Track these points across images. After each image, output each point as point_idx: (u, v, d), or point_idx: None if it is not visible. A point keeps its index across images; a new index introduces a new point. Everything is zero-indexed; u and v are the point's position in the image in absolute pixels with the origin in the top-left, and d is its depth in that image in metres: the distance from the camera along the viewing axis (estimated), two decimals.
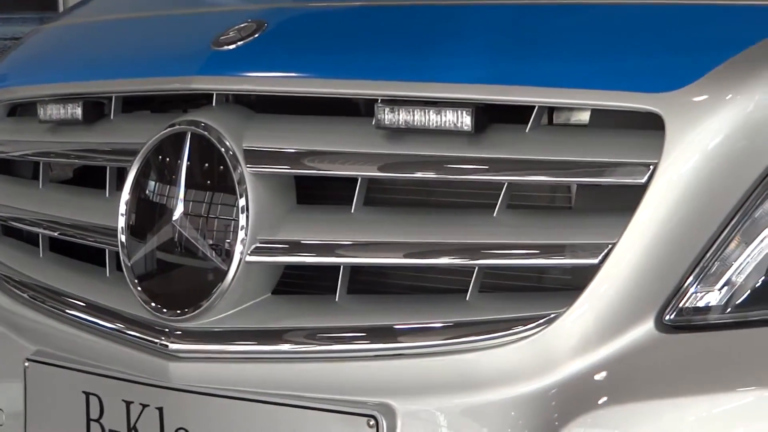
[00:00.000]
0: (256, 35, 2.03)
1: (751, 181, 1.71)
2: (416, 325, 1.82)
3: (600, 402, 1.70)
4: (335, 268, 1.89)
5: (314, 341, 1.87)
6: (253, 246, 1.91)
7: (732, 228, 1.71)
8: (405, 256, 1.85)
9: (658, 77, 1.75)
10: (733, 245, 1.71)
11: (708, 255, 1.71)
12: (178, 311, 1.94)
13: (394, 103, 1.85)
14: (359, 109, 1.93)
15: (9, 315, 2.23)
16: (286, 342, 1.89)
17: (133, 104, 2.16)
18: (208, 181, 1.96)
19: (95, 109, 2.17)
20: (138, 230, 2.01)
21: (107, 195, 2.11)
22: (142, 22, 2.40)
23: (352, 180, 1.88)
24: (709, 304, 1.71)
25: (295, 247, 1.91)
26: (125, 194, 2.02)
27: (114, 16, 2.50)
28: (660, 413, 1.68)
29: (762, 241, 1.71)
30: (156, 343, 1.96)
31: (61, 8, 4.61)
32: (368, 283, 1.92)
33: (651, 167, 1.70)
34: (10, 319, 2.22)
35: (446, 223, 1.84)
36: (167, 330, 1.95)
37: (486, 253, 1.79)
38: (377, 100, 1.87)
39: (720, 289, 1.71)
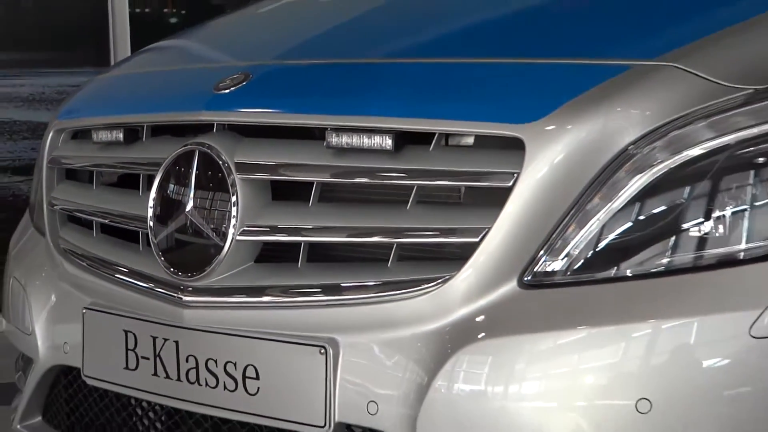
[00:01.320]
0: (244, 83, 2.09)
1: (583, 184, 1.77)
2: (354, 284, 1.89)
3: (479, 336, 1.77)
4: (298, 244, 1.96)
5: (284, 295, 1.95)
6: (242, 229, 1.98)
7: (571, 217, 1.78)
8: (347, 236, 1.93)
9: (521, 113, 1.81)
10: (570, 229, 1.78)
11: (554, 235, 1.78)
12: (189, 274, 2.02)
13: (340, 130, 1.93)
14: (315, 134, 1.98)
15: (72, 277, 2.29)
16: (265, 295, 1.97)
17: (158, 130, 2.22)
18: (210, 184, 2.04)
19: (132, 134, 2.25)
20: (161, 218, 2.09)
21: (140, 194, 2.18)
22: (165, 73, 2.47)
23: (311, 183, 1.96)
24: (554, 270, 1.78)
25: (271, 230, 1.99)
26: (152, 193, 2.11)
27: (144, 69, 2.57)
28: (520, 343, 1.75)
29: (591, 226, 1.77)
30: (174, 296, 2.05)
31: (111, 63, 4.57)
32: (321, 254, 1.98)
33: (515, 175, 1.77)
34: (73, 280, 2.29)
35: (374, 214, 1.92)
36: (182, 287, 2.04)
37: (402, 234, 1.87)
38: (328, 128, 1.94)
39: (562, 259, 1.78)
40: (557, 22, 2.14)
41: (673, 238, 1.77)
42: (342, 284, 1.92)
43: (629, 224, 1.79)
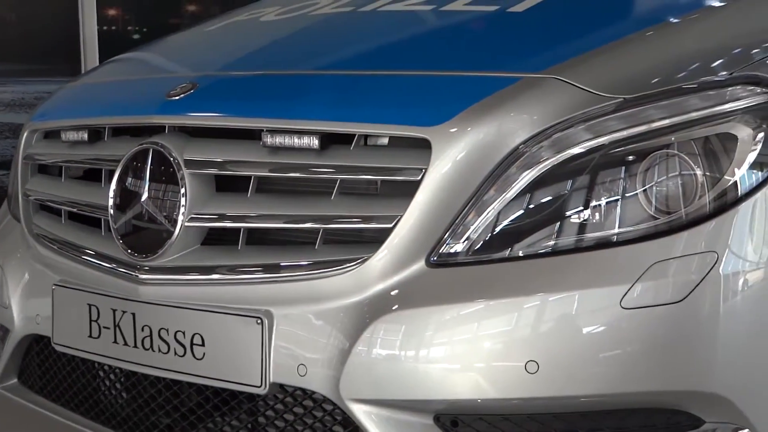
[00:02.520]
0: (192, 91, 2.03)
1: (481, 178, 1.75)
2: (287, 263, 1.84)
3: (393, 308, 1.75)
4: (239, 229, 1.91)
5: (226, 273, 1.89)
6: (190, 216, 1.92)
7: (471, 206, 1.75)
8: (280, 223, 1.88)
9: (428, 117, 1.78)
10: (471, 216, 1.75)
11: (456, 221, 1.75)
12: (144, 255, 1.95)
13: (273, 132, 1.88)
14: (253, 135, 1.92)
15: (43, 258, 2.22)
16: (209, 273, 1.90)
17: (118, 131, 2.15)
18: (163, 178, 1.96)
19: (95, 135, 2.18)
20: (120, 207, 2.02)
21: (102, 186, 2.11)
22: (124, 82, 2.39)
23: (249, 177, 1.91)
24: (457, 251, 1.76)
25: (215, 218, 1.93)
26: (113, 185, 2.03)
27: (107, 79, 2.49)
28: (428, 314, 1.73)
29: (488, 214, 1.74)
30: (131, 274, 1.97)
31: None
32: (258, 238, 1.92)
33: (423, 170, 1.74)
34: (44, 260, 2.21)
35: (304, 204, 1.87)
36: (138, 266, 1.97)
37: (327, 220, 1.83)
38: (263, 130, 1.89)
39: (463, 242, 1.75)
40: (459, 40, 2.12)
41: (557, 224, 1.76)
42: (276, 264, 1.87)
43: (520, 212, 1.77)
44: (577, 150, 1.75)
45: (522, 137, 1.76)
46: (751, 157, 1.75)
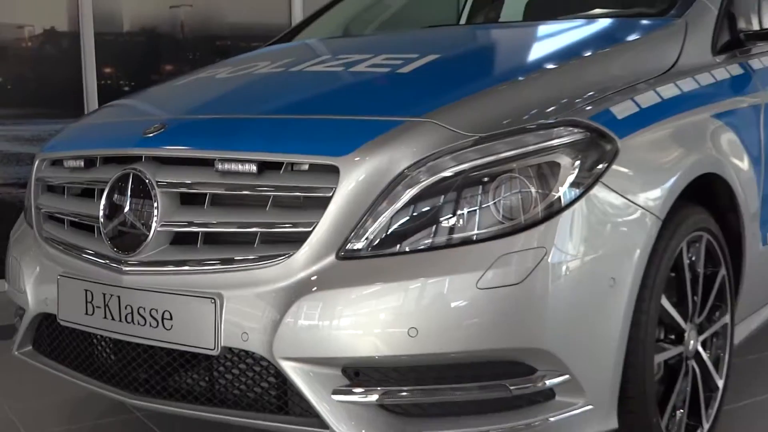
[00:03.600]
0: (162, 130, 2.05)
1: (377, 194, 1.79)
2: (236, 257, 1.86)
3: (313, 290, 1.77)
4: (197, 232, 1.92)
5: (188, 265, 1.90)
6: (161, 223, 1.94)
7: (369, 215, 1.78)
8: (228, 228, 1.89)
9: (337, 150, 1.82)
10: (369, 222, 1.79)
11: (358, 226, 1.78)
12: (127, 252, 1.97)
13: (223, 160, 1.90)
14: (208, 162, 1.94)
15: (51, 255, 2.21)
16: (176, 266, 1.92)
17: (107, 160, 2.15)
18: (140, 194, 1.97)
19: (89, 162, 2.19)
20: (108, 217, 2.03)
21: (95, 201, 2.11)
22: (112, 123, 2.40)
23: (205, 194, 1.92)
24: (359, 248, 1.79)
25: (179, 224, 1.94)
26: (103, 201, 2.04)
27: (99, 120, 2.49)
28: (338, 294, 1.76)
29: (381, 220, 1.78)
30: (117, 267, 1.99)
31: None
32: (212, 239, 1.93)
33: (333, 189, 1.79)
34: (51, 257, 2.21)
35: (245, 213, 1.88)
36: (122, 261, 1.98)
37: (263, 225, 1.85)
38: (216, 159, 1.91)
39: (363, 241, 1.78)
40: (361, 93, 2.15)
41: (433, 227, 1.79)
42: (225, 258, 1.88)
43: (405, 219, 1.80)
44: (445, 173, 1.80)
45: (406, 164, 1.81)
46: (571, 178, 1.83)
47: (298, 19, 5.39)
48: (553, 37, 2.57)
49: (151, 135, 2.05)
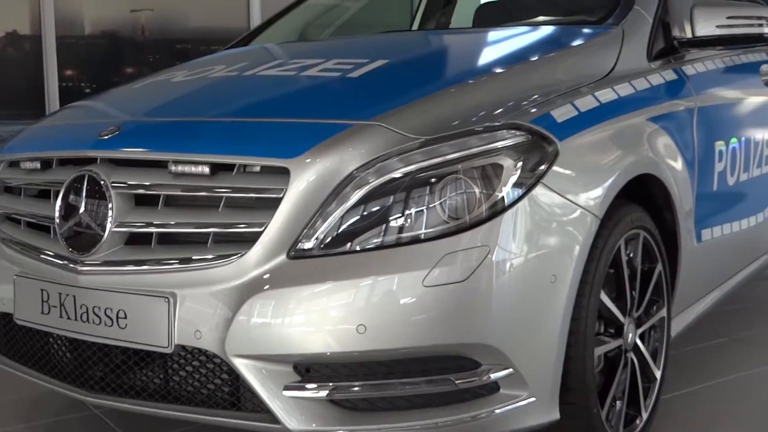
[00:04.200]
0: (117, 132, 2.00)
1: (327, 194, 1.76)
2: (189, 257, 1.82)
3: (264, 288, 1.74)
4: (151, 233, 1.88)
5: (142, 265, 1.86)
6: (116, 224, 1.89)
7: (319, 215, 1.75)
8: (181, 228, 1.85)
9: (287, 152, 1.79)
10: (319, 222, 1.75)
11: (308, 226, 1.75)
12: (82, 253, 1.92)
13: (177, 162, 1.86)
14: (162, 164, 1.90)
15: (7, 255, 2.15)
16: (130, 266, 1.87)
17: (63, 162, 2.09)
18: (96, 196, 1.93)
19: (46, 164, 2.13)
20: (64, 217, 1.98)
21: (51, 202, 2.05)
22: (69, 125, 2.33)
23: (159, 195, 1.88)
24: (310, 247, 1.75)
25: (133, 224, 1.90)
26: (58, 202, 1.99)
27: (57, 122, 2.42)
28: (289, 292, 1.73)
29: (331, 220, 1.75)
30: (72, 267, 1.94)
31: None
32: (166, 239, 1.89)
33: (284, 190, 1.76)
34: (8, 257, 2.15)
35: (198, 214, 1.85)
36: (77, 261, 1.93)
37: (216, 226, 1.81)
38: (169, 161, 1.88)
39: (313, 241, 1.75)
40: (312, 96, 2.13)
41: (381, 227, 1.77)
42: (179, 258, 1.85)
43: (355, 219, 1.78)
44: (393, 175, 1.78)
45: (355, 166, 1.78)
46: (513, 179, 1.81)
47: (256, 23, 5.35)
48: (498, 43, 2.58)
49: (106, 137, 2.00)
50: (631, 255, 2.19)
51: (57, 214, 2.00)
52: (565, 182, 1.90)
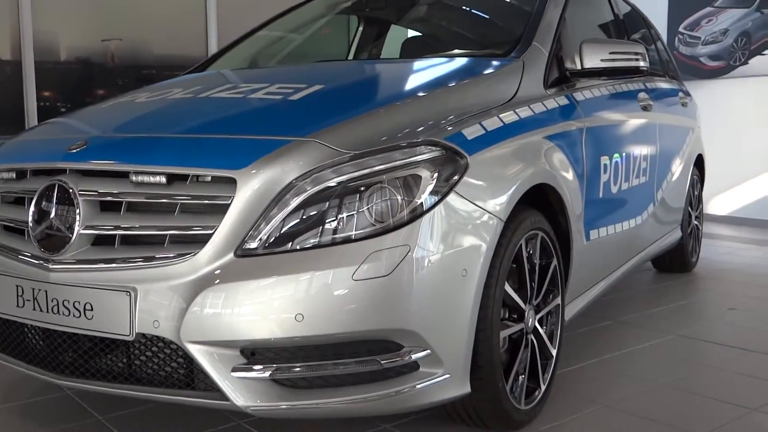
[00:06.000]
0: (84, 147, 1.95)
1: (269, 201, 1.73)
2: (149, 256, 1.78)
3: (215, 282, 1.71)
4: (114, 235, 1.84)
5: (107, 263, 1.81)
6: (83, 227, 1.85)
7: (263, 219, 1.73)
8: (141, 231, 1.80)
9: (234, 164, 1.76)
10: (262, 225, 1.73)
11: (253, 228, 1.73)
12: (53, 252, 1.87)
13: (138, 173, 1.82)
14: (124, 174, 1.86)
15: None
16: (96, 264, 1.82)
17: (36, 172, 2.03)
18: (65, 202, 1.88)
19: (21, 174, 2.07)
20: (36, 221, 1.92)
21: (26, 208, 1.98)
22: (42, 140, 2.25)
23: (121, 201, 1.84)
24: (254, 247, 1.73)
25: (99, 227, 1.85)
26: (32, 208, 1.94)
27: (31, 138, 2.33)
28: (238, 285, 1.70)
29: (274, 223, 1.73)
30: (44, 265, 1.88)
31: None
32: (128, 240, 1.84)
33: (231, 197, 1.73)
34: None
35: (156, 218, 1.81)
36: (48, 260, 1.88)
37: (172, 228, 1.78)
38: (130, 171, 1.84)
39: (257, 241, 1.73)
40: (257, 116, 2.07)
41: (318, 229, 1.75)
42: (139, 256, 1.80)
43: (294, 222, 1.75)
44: (327, 184, 1.76)
45: (294, 176, 1.76)
46: (430, 188, 1.82)
47: (213, 51, 5.27)
48: (420, 72, 2.57)
49: (74, 151, 1.94)
50: (531, 252, 2.22)
51: (30, 218, 1.94)
52: (475, 190, 1.91)
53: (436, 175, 1.83)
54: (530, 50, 2.53)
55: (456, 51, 3.05)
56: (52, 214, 1.90)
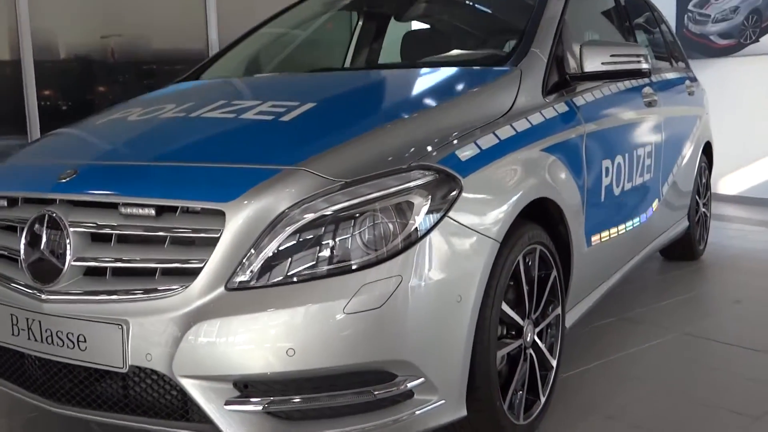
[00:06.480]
0: (74, 176, 1.93)
1: (260, 232, 1.71)
2: (139, 288, 1.76)
3: (206, 317, 1.69)
4: (106, 266, 1.82)
5: (99, 295, 1.79)
6: (74, 258, 1.83)
7: (253, 250, 1.71)
8: (132, 263, 1.79)
9: (224, 196, 1.73)
10: (253, 257, 1.71)
11: (244, 260, 1.70)
12: (45, 284, 1.86)
13: (126, 205, 1.81)
14: (114, 206, 1.83)
15: None
16: (89, 295, 1.81)
17: (28, 200, 2.01)
18: (56, 233, 1.87)
19: (12, 202, 2.05)
20: (28, 252, 1.91)
21: (18, 236, 1.96)
22: (32, 166, 2.22)
23: (108, 235, 1.83)
24: (245, 280, 1.71)
25: (90, 259, 1.83)
26: (23, 238, 1.93)
27: (22, 162, 2.31)
28: (229, 320, 1.68)
29: (265, 255, 1.70)
30: (37, 295, 1.87)
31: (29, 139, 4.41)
32: (120, 271, 1.81)
33: (221, 231, 1.71)
34: None
35: (147, 250, 1.79)
36: (42, 290, 1.87)
37: (162, 261, 1.76)
38: (120, 203, 1.82)
39: (248, 274, 1.71)
40: (248, 141, 2.03)
41: (308, 261, 1.72)
42: (131, 289, 1.79)
43: (284, 254, 1.73)
44: (318, 214, 1.73)
45: (284, 206, 1.73)
46: (423, 214, 1.79)
47: (213, 44, 5.22)
48: (413, 87, 2.50)
49: (64, 180, 1.92)
50: (529, 265, 2.18)
51: (22, 248, 1.92)
52: (469, 214, 1.87)
53: (429, 200, 1.79)
54: (528, 57, 2.47)
55: (454, 52, 2.99)
56: (43, 245, 1.88)
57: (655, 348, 3.03)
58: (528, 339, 2.19)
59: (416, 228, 1.76)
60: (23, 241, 1.93)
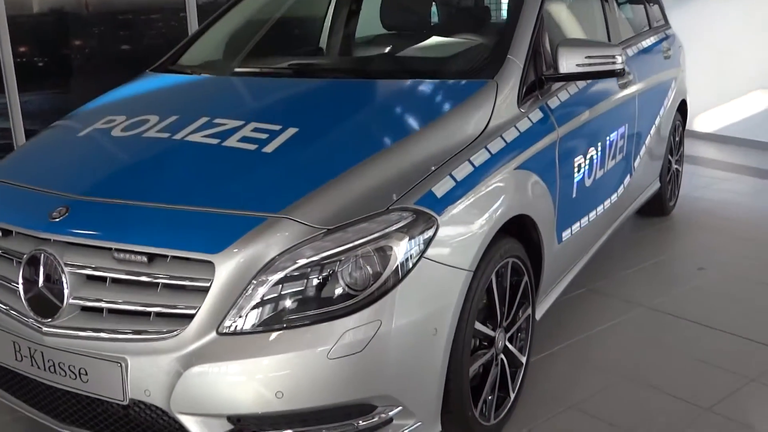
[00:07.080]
0: (66, 215, 1.97)
1: (250, 278, 1.79)
2: (135, 329, 1.85)
3: (200, 360, 1.79)
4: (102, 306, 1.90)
5: (100, 332, 1.88)
6: (73, 296, 1.91)
7: (242, 297, 1.78)
8: (126, 305, 1.87)
9: (213, 247, 1.80)
10: (243, 303, 1.79)
11: (233, 307, 1.79)
12: (45, 318, 1.94)
13: (119, 250, 1.87)
14: (104, 249, 1.91)
15: None
16: (87, 332, 1.89)
17: (22, 233, 2.05)
18: (53, 271, 1.94)
19: (6, 232, 2.11)
20: (26, 289, 1.98)
21: (15, 267, 2.04)
22: (26, 193, 2.20)
23: (103, 276, 1.90)
24: (235, 326, 1.80)
25: (86, 298, 1.91)
26: (20, 273, 2.00)
27: (12, 181, 2.30)
28: (221, 364, 1.78)
29: (254, 301, 1.79)
30: (38, 328, 1.95)
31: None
32: (116, 311, 1.89)
33: (211, 280, 1.79)
34: None
35: (141, 294, 1.86)
36: (42, 323, 1.94)
37: (156, 306, 1.84)
38: (113, 249, 1.89)
39: (238, 320, 1.79)
40: (233, 180, 2.05)
41: (294, 307, 1.81)
42: (126, 329, 1.88)
43: (272, 301, 1.81)
44: (305, 260, 1.81)
45: (272, 255, 1.81)
46: (401, 257, 1.87)
47: None
48: (391, 108, 2.46)
49: (57, 220, 1.97)
50: (501, 277, 2.28)
51: (20, 283, 1.99)
52: (444, 251, 1.96)
53: (407, 241, 1.87)
54: (504, 67, 2.48)
55: (432, 41, 2.99)
56: (40, 283, 1.95)
57: (618, 327, 3.15)
58: (499, 346, 2.33)
59: (395, 269, 1.85)
60: (20, 275, 2.00)
